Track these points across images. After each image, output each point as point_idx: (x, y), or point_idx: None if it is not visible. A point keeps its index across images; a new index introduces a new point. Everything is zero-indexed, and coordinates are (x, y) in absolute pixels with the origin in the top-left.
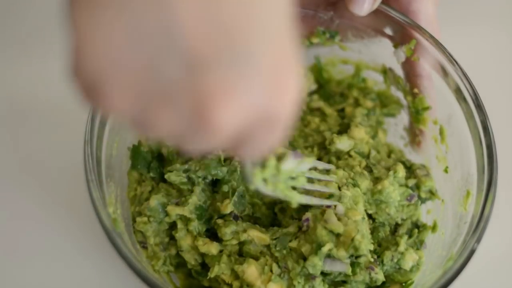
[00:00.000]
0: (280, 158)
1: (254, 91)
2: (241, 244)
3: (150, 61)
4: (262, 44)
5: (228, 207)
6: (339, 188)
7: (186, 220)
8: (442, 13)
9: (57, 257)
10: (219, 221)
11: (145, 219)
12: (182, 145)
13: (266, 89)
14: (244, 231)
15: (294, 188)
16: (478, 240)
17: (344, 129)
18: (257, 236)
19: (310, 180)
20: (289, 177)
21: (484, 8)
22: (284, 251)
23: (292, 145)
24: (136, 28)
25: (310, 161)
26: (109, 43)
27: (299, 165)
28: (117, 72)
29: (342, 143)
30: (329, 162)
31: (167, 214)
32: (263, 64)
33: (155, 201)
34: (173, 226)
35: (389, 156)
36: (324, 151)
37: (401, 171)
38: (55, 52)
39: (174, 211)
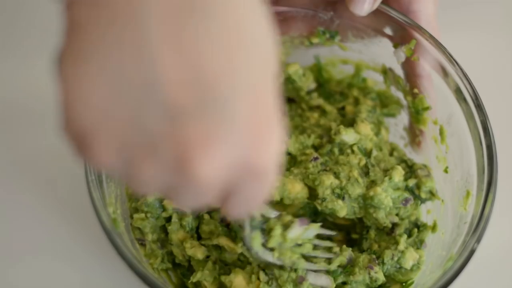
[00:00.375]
0: (286, 225)
1: (234, 142)
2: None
3: (133, 114)
4: (242, 96)
5: None
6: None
7: (181, 215)
8: (443, 14)
9: (56, 257)
10: (206, 216)
11: (143, 215)
12: (171, 200)
13: (246, 140)
14: (217, 235)
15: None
16: (478, 240)
17: (346, 125)
18: (226, 244)
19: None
20: (295, 244)
21: (485, 9)
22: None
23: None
24: (118, 82)
25: (316, 227)
26: (93, 98)
27: (305, 232)
28: (102, 126)
29: (348, 135)
30: (331, 153)
31: (164, 209)
32: (242, 115)
33: (152, 196)
34: (168, 221)
35: (391, 154)
36: (327, 138)
37: (397, 176)
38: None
39: (171, 205)
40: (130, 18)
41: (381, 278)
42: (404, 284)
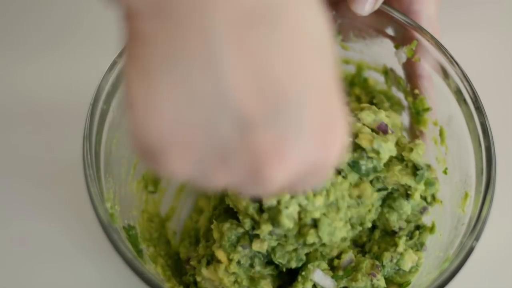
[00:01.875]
0: None
1: (305, 148)
2: None
3: (204, 125)
4: (310, 101)
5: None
6: None
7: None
8: (444, 16)
9: (55, 254)
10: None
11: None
12: (238, 191)
13: (315, 144)
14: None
15: None
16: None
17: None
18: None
19: None
20: None
21: (485, 10)
22: None
23: None
24: (187, 95)
25: None
26: (163, 112)
27: None
28: (174, 138)
29: (369, 116)
30: None
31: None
32: (311, 120)
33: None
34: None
35: None
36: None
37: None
38: (55, 51)
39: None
40: (195, 29)
41: (382, 285)
42: (401, 285)
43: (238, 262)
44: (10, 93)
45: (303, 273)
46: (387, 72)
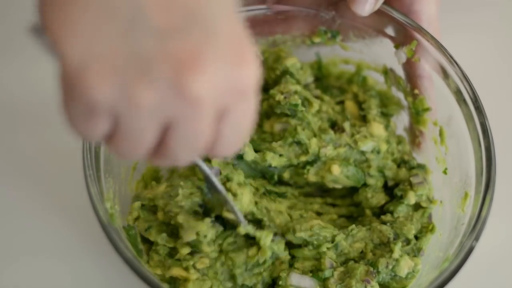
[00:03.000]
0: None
1: (221, 60)
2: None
3: (124, 36)
4: (220, 16)
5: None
6: None
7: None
8: (444, 17)
9: (55, 254)
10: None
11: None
12: (172, 141)
13: (230, 59)
14: (169, 267)
15: None
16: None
17: (359, 120)
18: (179, 274)
19: None
20: None
21: (485, 12)
22: None
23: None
24: (104, 7)
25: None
26: (81, 27)
27: None
28: (94, 52)
29: (367, 146)
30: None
31: None
32: (224, 32)
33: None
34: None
35: (398, 143)
36: (338, 131)
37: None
38: None
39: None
40: None
41: None
42: None
43: (194, 266)
44: (9, 93)
45: (280, 282)
46: (387, 72)
